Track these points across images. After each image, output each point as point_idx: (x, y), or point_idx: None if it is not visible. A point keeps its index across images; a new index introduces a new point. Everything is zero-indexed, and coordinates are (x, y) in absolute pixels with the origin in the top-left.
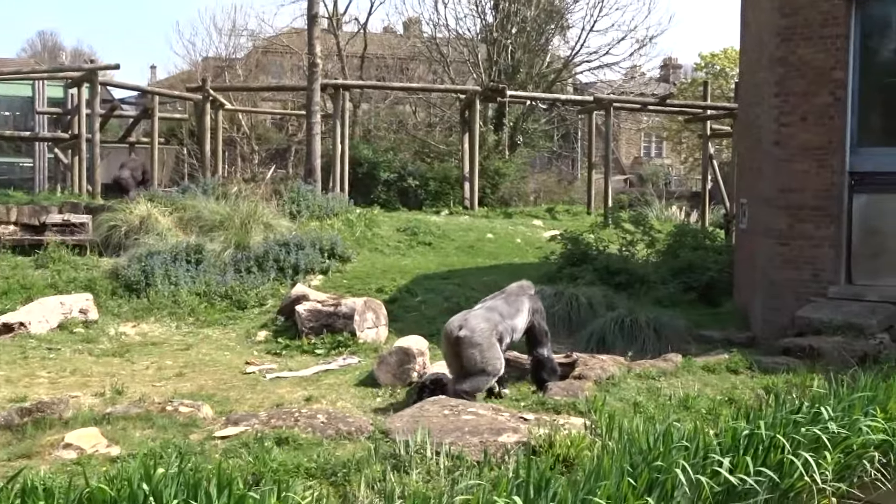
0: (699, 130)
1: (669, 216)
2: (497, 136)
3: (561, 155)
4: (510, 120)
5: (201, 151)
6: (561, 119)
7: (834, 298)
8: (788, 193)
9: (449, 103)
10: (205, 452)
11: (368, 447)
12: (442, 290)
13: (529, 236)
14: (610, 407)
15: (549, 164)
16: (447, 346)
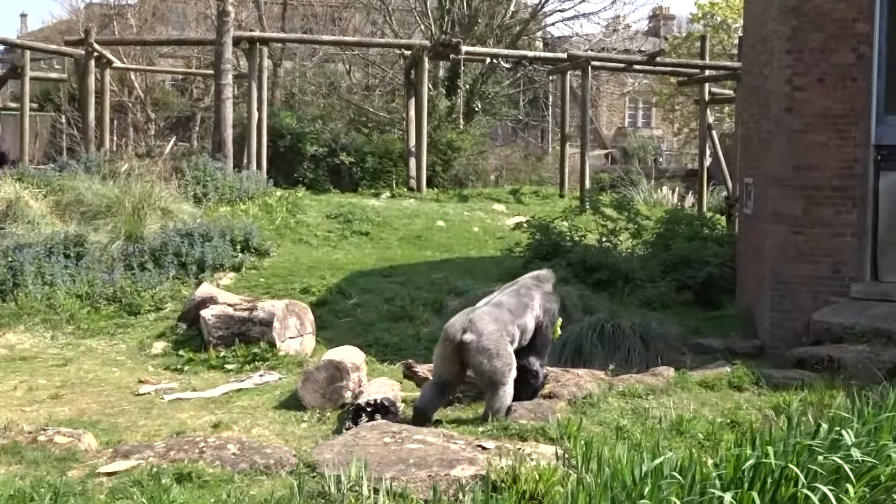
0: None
1: (660, 199)
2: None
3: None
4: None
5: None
6: (528, 81)
7: (858, 298)
8: (803, 171)
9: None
10: (87, 493)
11: (291, 484)
12: (382, 291)
13: (489, 224)
14: (587, 432)
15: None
16: (447, 351)
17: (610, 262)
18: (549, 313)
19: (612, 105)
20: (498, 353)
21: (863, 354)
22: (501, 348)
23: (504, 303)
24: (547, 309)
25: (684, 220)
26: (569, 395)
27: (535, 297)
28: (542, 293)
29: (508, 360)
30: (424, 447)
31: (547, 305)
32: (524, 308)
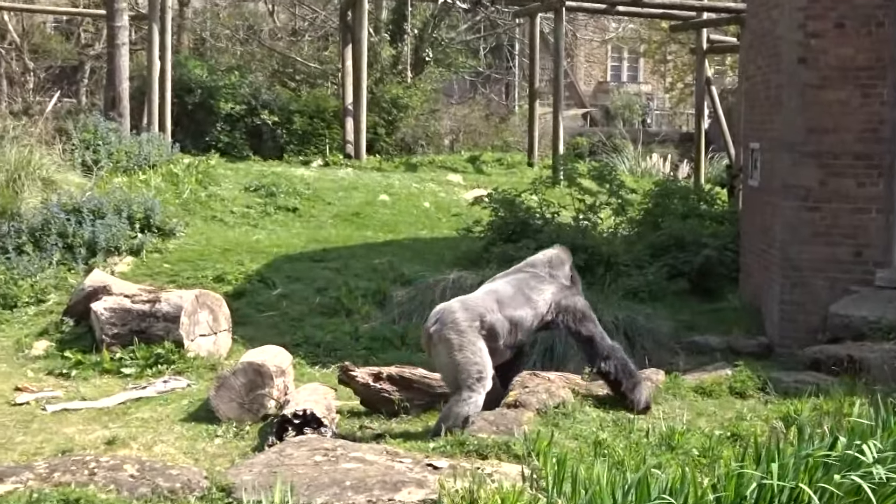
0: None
1: (648, 169)
2: (395, 49)
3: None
4: (414, 26)
5: None
6: (490, 26)
7: (884, 287)
8: (819, 135)
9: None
10: None
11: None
12: (313, 279)
13: (443, 198)
14: (559, 448)
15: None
16: (425, 343)
17: (588, 244)
18: (569, 312)
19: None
20: (461, 345)
21: (890, 354)
22: (467, 341)
23: (497, 290)
24: (566, 308)
25: (678, 193)
26: (538, 403)
27: (545, 290)
28: (558, 286)
29: (477, 359)
30: (364, 467)
31: (564, 302)
32: (524, 300)
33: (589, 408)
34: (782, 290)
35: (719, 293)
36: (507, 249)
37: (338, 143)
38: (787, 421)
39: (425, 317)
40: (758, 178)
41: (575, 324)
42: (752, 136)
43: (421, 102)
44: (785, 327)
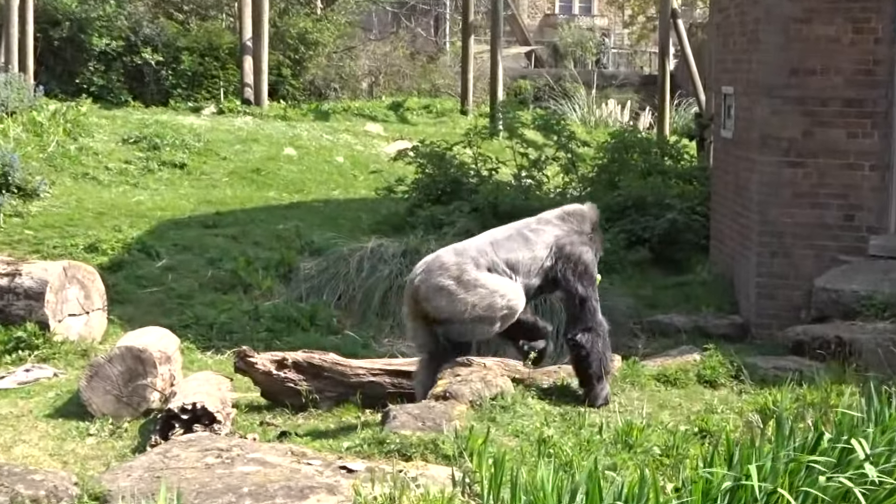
0: None
1: (604, 118)
2: None
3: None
4: None
5: None
6: None
7: (878, 256)
8: (804, 77)
9: None
10: None
11: None
12: (205, 248)
13: (360, 152)
14: (497, 447)
15: (394, 26)
16: (408, 305)
17: (533, 206)
18: (570, 260)
19: None
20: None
21: (884, 335)
22: (468, 278)
23: (490, 233)
24: (568, 255)
25: (638, 146)
26: (472, 394)
27: (546, 232)
28: (565, 230)
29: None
30: (265, 470)
31: (569, 249)
32: (521, 242)
33: (532, 399)
34: (760, 260)
35: (686, 264)
36: (436, 212)
37: (234, 87)
38: (764, 414)
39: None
40: (731, 129)
41: (573, 277)
42: (725, 80)
43: (333, 38)
44: (762, 304)
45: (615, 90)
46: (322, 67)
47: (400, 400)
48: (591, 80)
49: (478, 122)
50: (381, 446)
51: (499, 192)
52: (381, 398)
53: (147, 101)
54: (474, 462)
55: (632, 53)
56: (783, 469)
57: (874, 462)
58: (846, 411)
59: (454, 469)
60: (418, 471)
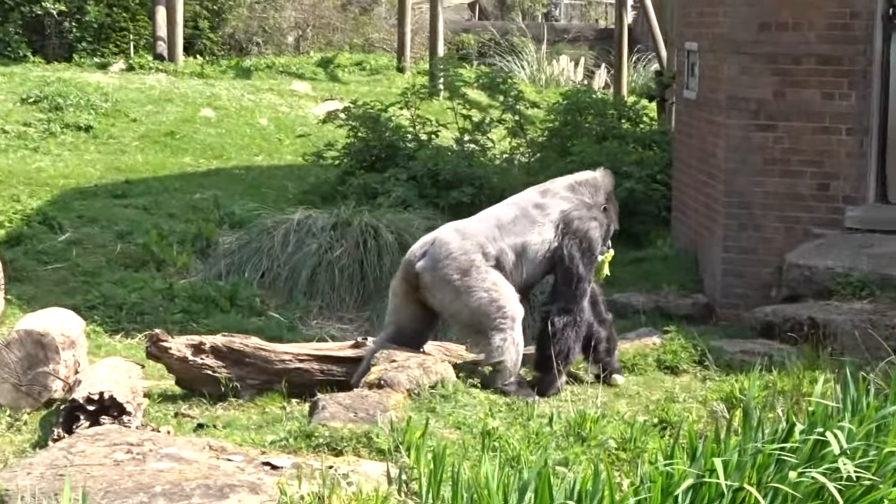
0: None
1: (555, 76)
2: None
3: None
4: None
5: None
6: None
7: (855, 230)
8: (775, 32)
9: None
10: None
11: None
12: (113, 220)
13: (285, 114)
14: (437, 440)
15: None
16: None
17: (476, 173)
18: (576, 236)
19: None
20: (470, 287)
21: (862, 316)
22: (474, 279)
23: (495, 214)
24: (575, 230)
25: (592, 108)
26: (409, 382)
27: (552, 208)
28: (574, 204)
29: (494, 295)
30: (180, 467)
31: (577, 224)
32: (529, 223)
33: (476, 388)
34: (726, 234)
35: (646, 238)
36: (370, 181)
37: (146, 41)
38: (730, 403)
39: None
40: (696, 89)
41: (577, 253)
42: (689, 34)
43: None
44: (729, 282)
45: (568, 45)
46: (243, 19)
47: (330, 389)
48: (542, 35)
49: (416, 81)
50: (308, 440)
51: (439, 159)
52: (310, 387)
53: (48, 56)
54: (412, 457)
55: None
56: (750, 464)
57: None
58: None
59: (389, 465)
60: (350, 467)
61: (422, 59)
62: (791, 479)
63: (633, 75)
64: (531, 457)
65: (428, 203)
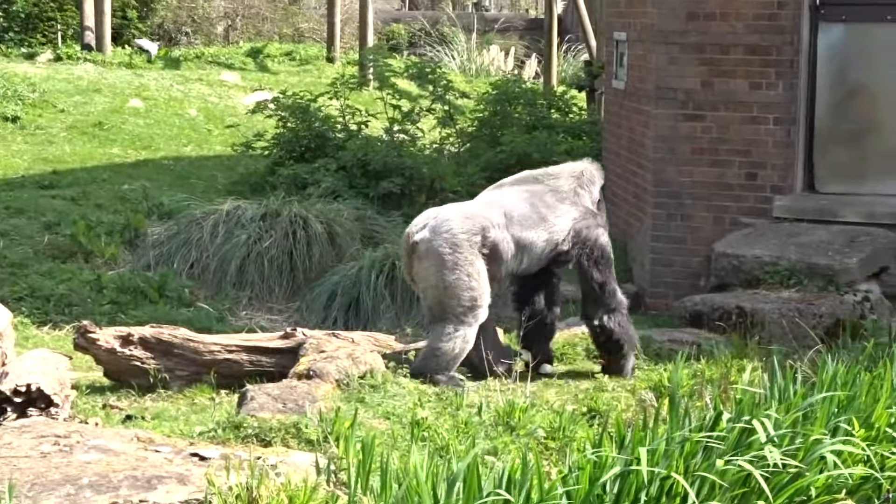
0: None
1: (485, 66)
2: None
3: None
4: None
5: None
6: None
7: (783, 219)
8: (703, 22)
9: None
10: None
11: None
12: (41, 211)
13: (215, 104)
14: (366, 430)
15: None
16: (405, 256)
17: (406, 164)
18: (592, 249)
19: None
20: (455, 263)
21: (789, 305)
22: (463, 259)
23: (504, 201)
24: (585, 239)
25: (522, 98)
26: (338, 372)
27: (565, 213)
28: (582, 211)
29: (473, 282)
30: (108, 459)
31: (586, 233)
32: (537, 219)
33: (405, 378)
34: (655, 223)
35: None
36: (300, 171)
37: (74, 31)
38: (658, 392)
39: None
40: (624, 79)
41: (589, 262)
42: (618, 24)
43: None
44: (658, 272)
45: (498, 35)
46: (172, 9)
47: (259, 380)
48: (472, 24)
49: (346, 71)
50: (237, 431)
51: (369, 149)
52: (239, 378)
53: None
54: (340, 447)
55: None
56: (678, 452)
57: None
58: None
59: (318, 455)
60: (278, 458)
61: (352, 50)
62: (718, 468)
63: (562, 65)
64: (460, 446)
65: (358, 193)
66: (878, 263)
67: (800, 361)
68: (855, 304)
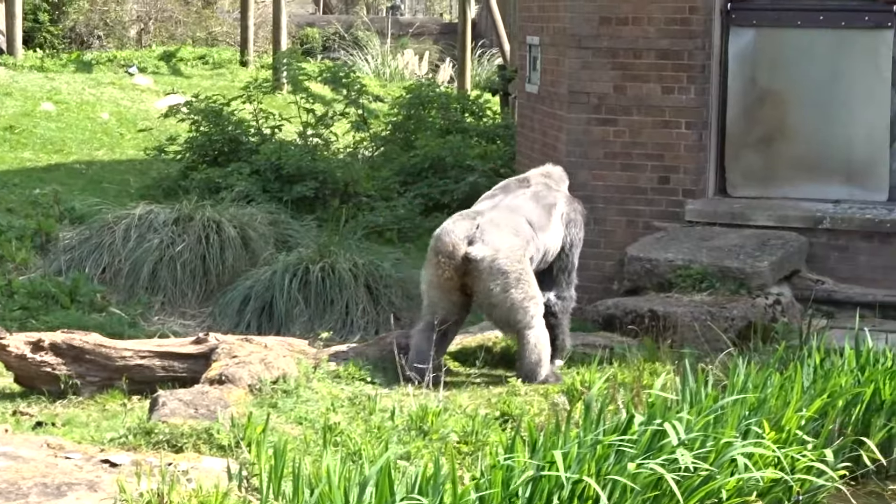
0: None
1: (399, 70)
2: None
3: None
4: None
5: None
6: None
7: (695, 223)
8: (616, 26)
9: None
10: None
11: None
12: None
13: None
14: (278, 436)
15: None
16: (445, 272)
17: (319, 167)
18: (574, 226)
19: None
20: (519, 279)
21: (702, 308)
22: (524, 274)
23: (521, 208)
24: (572, 220)
25: (436, 102)
26: (251, 377)
27: (560, 203)
28: (566, 199)
29: (533, 292)
30: (16, 465)
31: (572, 216)
32: (548, 218)
33: (319, 383)
34: None
35: None
36: (213, 175)
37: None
38: (571, 396)
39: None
40: (537, 83)
41: (571, 248)
42: (531, 29)
43: None
44: None
45: (412, 39)
46: (84, 12)
47: (172, 385)
48: (386, 29)
49: (259, 75)
50: (148, 437)
51: (282, 153)
52: (151, 383)
53: None
54: (252, 453)
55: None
56: (590, 455)
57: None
58: (659, 392)
59: (230, 461)
60: (190, 463)
61: (265, 53)
62: (630, 471)
63: (476, 69)
64: (373, 451)
65: (271, 198)
66: (790, 267)
67: (712, 364)
68: (766, 308)
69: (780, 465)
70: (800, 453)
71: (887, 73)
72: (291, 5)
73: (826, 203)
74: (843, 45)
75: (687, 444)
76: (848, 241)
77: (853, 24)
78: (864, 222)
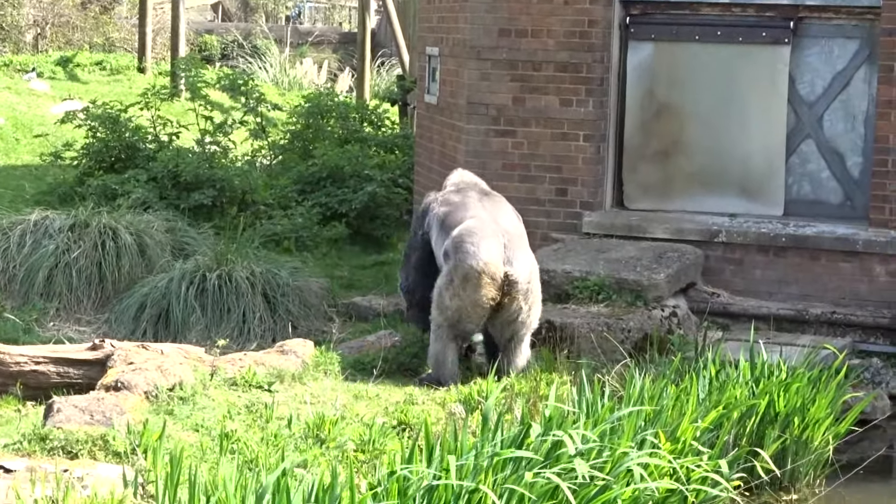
0: None
1: (298, 79)
2: None
3: None
4: None
5: None
6: None
7: (593, 235)
8: (515, 38)
9: None
10: None
11: None
12: None
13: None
14: (174, 442)
15: None
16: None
17: (217, 175)
18: None
19: None
20: (538, 295)
21: (598, 319)
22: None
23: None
24: None
25: (335, 111)
26: (147, 384)
27: None
28: None
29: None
30: None
31: None
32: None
33: (215, 390)
34: None
35: (387, 241)
36: (109, 182)
37: None
38: (469, 405)
39: None
40: (437, 94)
41: None
42: (431, 39)
43: None
44: None
45: (311, 48)
46: None
47: (66, 391)
48: (285, 37)
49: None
50: (43, 443)
51: (180, 160)
52: (46, 389)
53: None
54: (148, 460)
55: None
56: (487, 464)
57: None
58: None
59: (126, 468)
60: (85, 470)
61: (164, 60)
62: (527, 481)
63: (376, 79)
64: (270, 459)
65: (168, 205)
66: (686, 279)
67: (608, 375)
68: (662, 319)
69: (676, 475)
70: (695, 464)
71: (784, 89)
72: (190, 12)
73: (722, 217)
74: (740, 60)
75: (584, 453)
76: (744, 254)
77: (751, 39)
78: (760, 236)
